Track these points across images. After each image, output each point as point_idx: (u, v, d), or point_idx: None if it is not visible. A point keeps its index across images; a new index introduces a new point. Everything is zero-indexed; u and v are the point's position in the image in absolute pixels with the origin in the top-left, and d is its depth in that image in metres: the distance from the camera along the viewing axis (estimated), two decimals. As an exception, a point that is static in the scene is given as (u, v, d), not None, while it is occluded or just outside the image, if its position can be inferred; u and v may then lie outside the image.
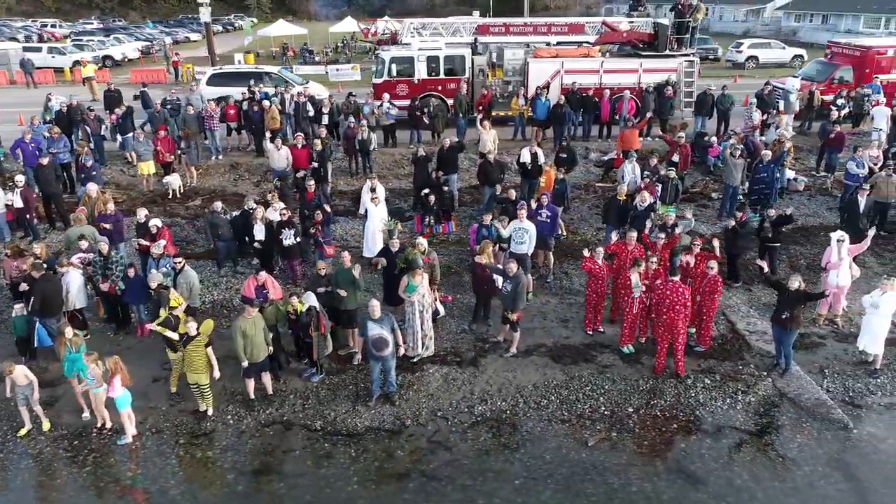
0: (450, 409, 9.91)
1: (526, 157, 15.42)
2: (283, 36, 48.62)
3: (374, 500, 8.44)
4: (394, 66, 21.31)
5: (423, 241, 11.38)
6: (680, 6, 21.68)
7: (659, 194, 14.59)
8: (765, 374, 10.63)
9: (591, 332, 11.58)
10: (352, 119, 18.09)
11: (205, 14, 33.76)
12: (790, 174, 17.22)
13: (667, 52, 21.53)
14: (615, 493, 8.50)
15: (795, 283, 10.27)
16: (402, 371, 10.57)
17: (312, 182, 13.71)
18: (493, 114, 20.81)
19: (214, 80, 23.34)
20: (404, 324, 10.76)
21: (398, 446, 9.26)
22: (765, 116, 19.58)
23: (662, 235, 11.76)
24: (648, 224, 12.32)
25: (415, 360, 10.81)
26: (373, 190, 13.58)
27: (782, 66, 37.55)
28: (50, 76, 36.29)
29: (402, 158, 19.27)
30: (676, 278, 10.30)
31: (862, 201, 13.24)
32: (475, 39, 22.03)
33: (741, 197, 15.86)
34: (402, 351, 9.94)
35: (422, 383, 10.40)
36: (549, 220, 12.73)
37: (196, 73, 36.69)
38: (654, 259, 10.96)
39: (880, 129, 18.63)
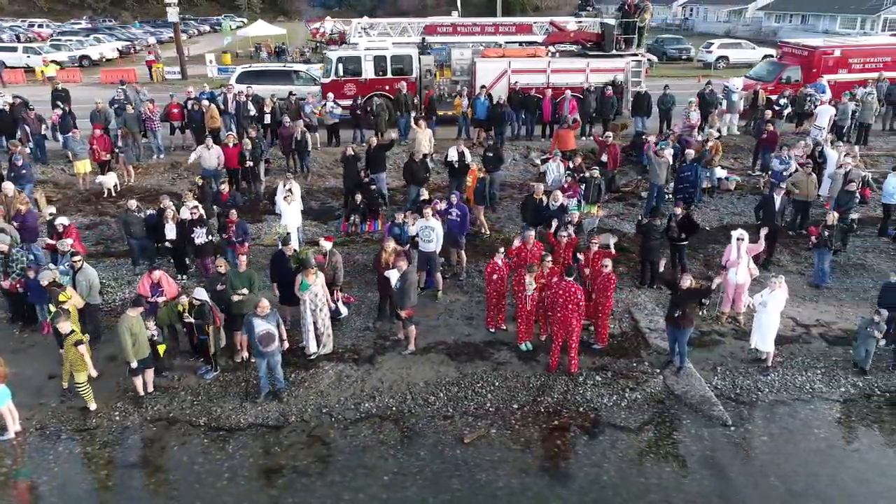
0: (336, 406, 9.97)
1: (453, 155, 15.51)
2: (262, 36, 48.74)
3: (241, 496, 8.49)
4: (340, 66, 21.38)
5: (325, 244, 11.44)
6: (627, 6, 21.73)
7: (582, 193, 14.70)
8: (658, 371, 10.71)
9: (493, 330, 11.65)
10: (287, 118, 18.15)
11: (172, 14, 33.88)
12: (721, 173, 17.30)
13: (614, 51, 21.59)
14: (481, 489, 8.57)
15: (686, 281, 10.33)
16: (296, 368, 10.66)
17: (225, 184, 13.79)
18: (441, 113, 20.92)
19: (243, 77, 23.64)
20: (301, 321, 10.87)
21: (276, 442, 9.32)
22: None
23: (565, 234, 11.83)
24: (555, 223, 12.37)
25: (312, 357, 10.89)
26: (289, 190, 13.63)
27: (753, 65, 37.48)
28: (21, 76, 36.42)
29: (343, 157, 19.33)
30: (570, 278, 10.35)
31: (777, 199, 13.28)
32: (423, 39, 22.10)
33: (668, 195, 15.95)
34: (286, 345, 10.02)
35: (314, 380, 10.47)
36: (459, 219, 12.81)
37: (165, 72, 36.98)
38: (549, 259, 11.01)
39: (822, 128, 18.69)
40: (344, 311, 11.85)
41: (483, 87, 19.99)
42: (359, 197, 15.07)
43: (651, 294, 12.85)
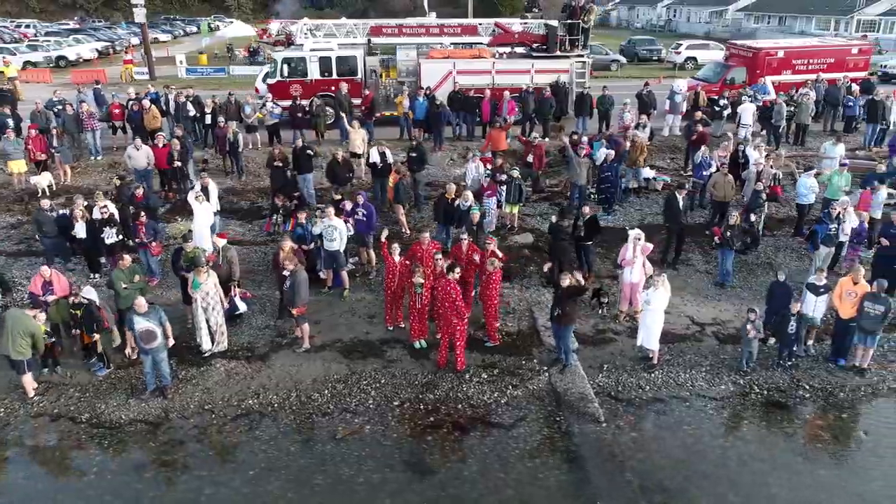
0: (219, 403, 10.10)
1: (375, 156, 15.63)
2: (241, 37, 48.99)
3: (104, 489, 8.61)
4: (286, 67, 21.51)
5: (218, 241, 11.58)
6: (572, 8, 21.85)
7: (503, 194, 14.84)
8: (545, 368, 10.83)
9: (391, 328, 11.78)
10: (221, 118, 18.29)
11: (139, 15, 33.98)
12: (649, 173, 17.42)
13: (558, 52, 21.73)
14: (342, 483, 8.70)
15: (566, 280, 10.45)
16: (187, 365, 10.80)
17: (140, 187, 13.94)
18: (389, 114, 21.06)
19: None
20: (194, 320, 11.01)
21: (152, 438, 9.45)
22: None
23: (465, 235, 11.94)
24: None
25: (206, 354, 11.02)
26: (204, 189, 13.77)
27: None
28: (-8, 77, 36.58)
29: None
30: (451, 275, 10.46)
31: (680, 199, 13.41)
32: (369, 40, 22.25)
33: (592, 195, 16.08)
34: (171, 342, 10.15)
35: (202, 377, 10.60)
36: (365, 219, 12.95)
37: (134, 72, 37.12)
38: (440, 257, 11.13)
39: (748, 126, 18.83)
40: (242, 307, 11.95)
41: (424, 87, 20.11)
42: (279, 199, 15.17)
43: (556, 293, 12.95)
